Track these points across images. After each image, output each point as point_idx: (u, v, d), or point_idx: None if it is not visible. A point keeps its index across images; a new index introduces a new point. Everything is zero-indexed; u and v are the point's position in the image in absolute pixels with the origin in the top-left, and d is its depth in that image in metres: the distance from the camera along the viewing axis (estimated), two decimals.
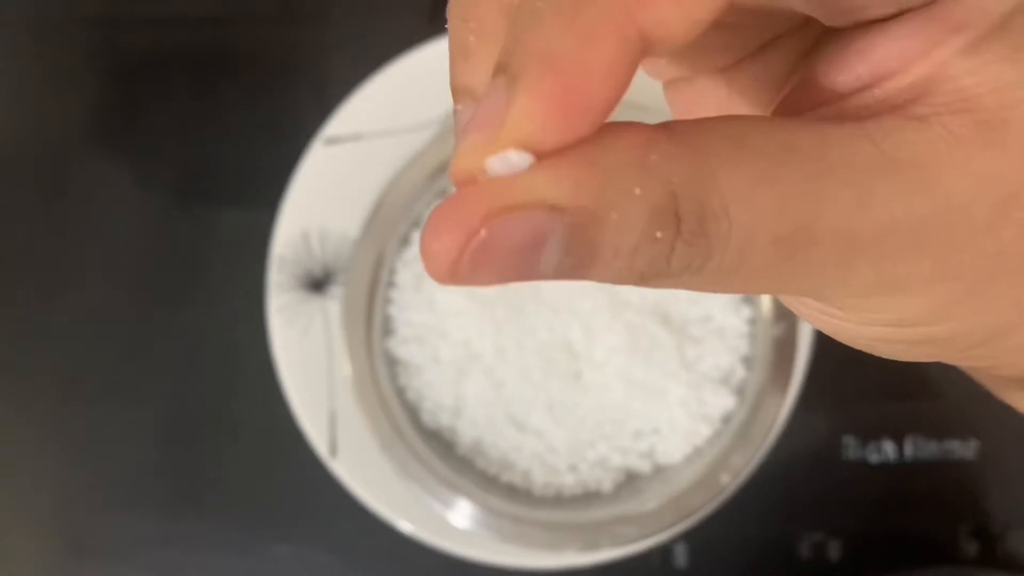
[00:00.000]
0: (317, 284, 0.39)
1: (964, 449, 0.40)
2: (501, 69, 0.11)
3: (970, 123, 0.12)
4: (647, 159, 0.11)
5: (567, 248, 0.11)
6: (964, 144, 0.12)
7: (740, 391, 0.37)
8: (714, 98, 0.17)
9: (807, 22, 0.15)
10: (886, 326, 0.14)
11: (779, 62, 0.16)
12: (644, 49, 0.11)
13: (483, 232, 0.10)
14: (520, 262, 0.11)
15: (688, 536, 0.39)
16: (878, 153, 0.12)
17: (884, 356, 0.15)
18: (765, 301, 0.36)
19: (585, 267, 0.11)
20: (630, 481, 0.38)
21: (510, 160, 0.11)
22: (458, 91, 0.13)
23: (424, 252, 0.11)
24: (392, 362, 0.38)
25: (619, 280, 0.11)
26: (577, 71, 0.11)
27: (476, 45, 0.13)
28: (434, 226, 0.11)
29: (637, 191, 0.11)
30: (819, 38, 0.15)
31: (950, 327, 0.14)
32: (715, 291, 0.12)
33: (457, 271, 0.11)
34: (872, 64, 0.13)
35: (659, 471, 0.37)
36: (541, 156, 0.11)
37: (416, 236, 0.38)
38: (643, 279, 0.11)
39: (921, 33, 0.13)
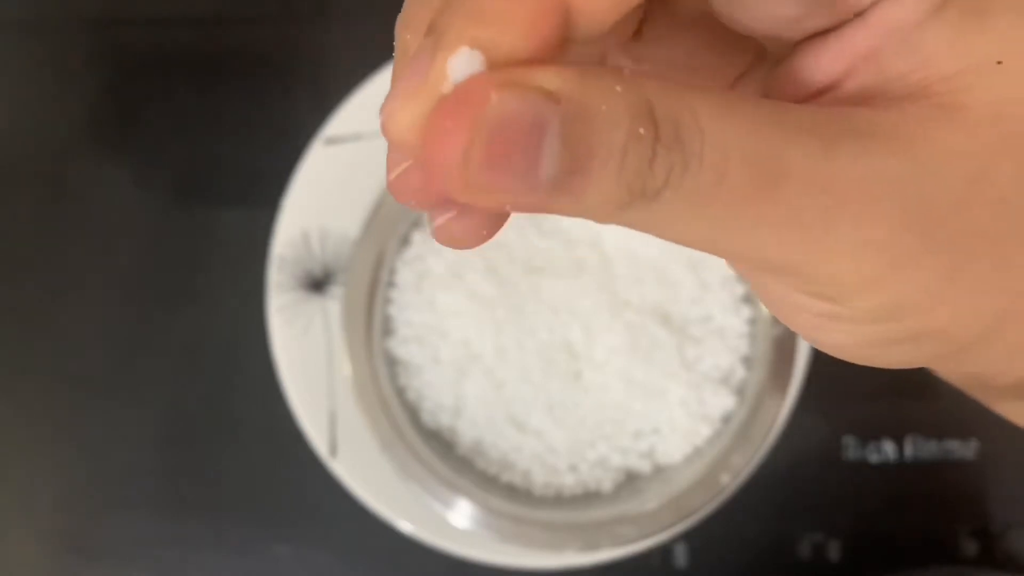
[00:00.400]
0: (317, 284, 0.39)
1: (964, 449, 0.40)
2: (428, 33, 0.12)
3: (929, 107, 0.13)
4: (621, 71, 0.11)
5: (565, 141, 0.11)
6: (926, 122, 0.13)
7: (740, 391, 0.37)
8: None
9: (761, 56, 0.16)
10: (878, 322, 0.14)
11: None
12: (566, 21, 0.11)
13: (493, 97, 0.11)
14: (524, 155, 0.11)
15: (688, 536, 0.39)
16: (842, 121, 0.13)
17: (877, 364, 0.15)
18: None
19: (583, 171, 0.11)
20: (630, 481, 0.38)
21: (464, 54, 0.11)
22: None
23: (431, 141, 0.11)
24: (392, 362, 0.38)
25: (611, 199, 0.11)
26: (500, 23, 0.11)
27: (414, 43, 0.13)
28: (442, 109, 0.11)
29: (618, 88, 0.11)
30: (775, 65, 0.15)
31: (942, 316, 0.14)
32: (699, 234, 0.12)
33: (468, 164, 0.11)
34: (821, 74, 0.14)
35: (659, 471, 0.37)
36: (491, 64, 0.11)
37: (416, 236, 0.38)
38: (630, 196, 0.11)
39: (859, 39, 0.13)
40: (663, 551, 0.39)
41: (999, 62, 0.13)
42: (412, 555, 0.38)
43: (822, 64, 0.14)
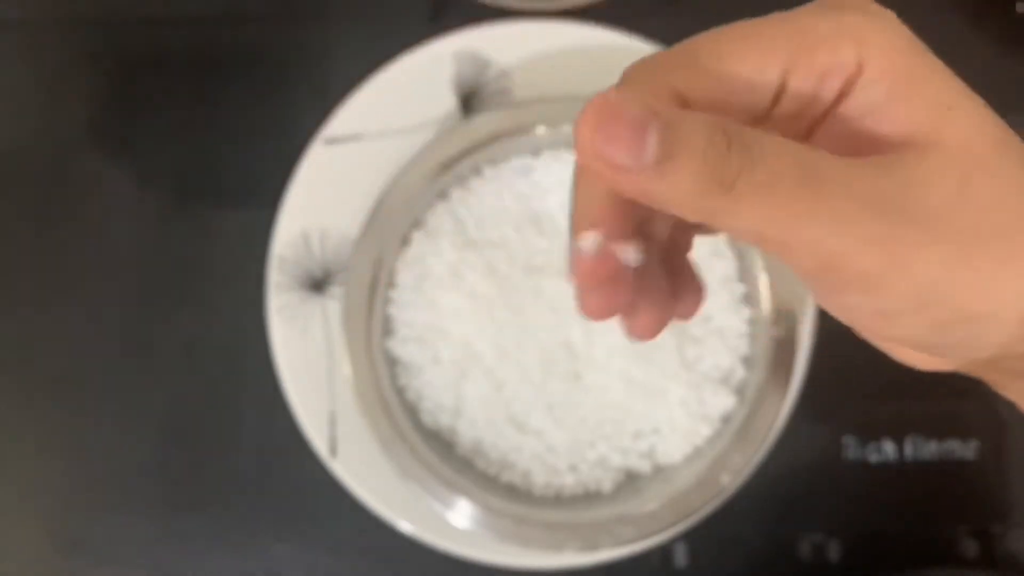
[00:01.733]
0: (317, 284, 0.39)
1: (964, 449, 0.40)
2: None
3: (915, 147, 0.17)
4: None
5: (661, 137, 0.15)
6: (916, 155, 0.17)
7: (740, 391, 0.37)
8: None
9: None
10: (918, 308, 0.17)
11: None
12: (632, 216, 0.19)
13: (612, 94, 0.16)
14: (632, 137, 0.15)
15: (688, 536, 0.39)
16: (862, 158, 0.17)
17: (945, 356, 0.19)
18: (765, 301, 0.36)
19: (675, 157, 0.15)
20: (630, 481, 0.38)
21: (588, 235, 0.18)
22: None
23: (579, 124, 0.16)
24: (392, 362, 0.38)
25: (698, 184, 0.15)
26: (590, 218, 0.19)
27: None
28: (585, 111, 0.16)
29: (700, 118, 0.16)
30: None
31: (968, 296, 0.17)
32: (765, 223, 0.16)
33: (593, 139, 0.15)
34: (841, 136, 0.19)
35: (659, 471, 0.37)
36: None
37: (416, 236, 0.38)
38: (711, 182, 0.15)
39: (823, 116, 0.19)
40: (663, 551, 0.39)
41: (950, 108, 0.17)
42: (412, 555, 0.38)
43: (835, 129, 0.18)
